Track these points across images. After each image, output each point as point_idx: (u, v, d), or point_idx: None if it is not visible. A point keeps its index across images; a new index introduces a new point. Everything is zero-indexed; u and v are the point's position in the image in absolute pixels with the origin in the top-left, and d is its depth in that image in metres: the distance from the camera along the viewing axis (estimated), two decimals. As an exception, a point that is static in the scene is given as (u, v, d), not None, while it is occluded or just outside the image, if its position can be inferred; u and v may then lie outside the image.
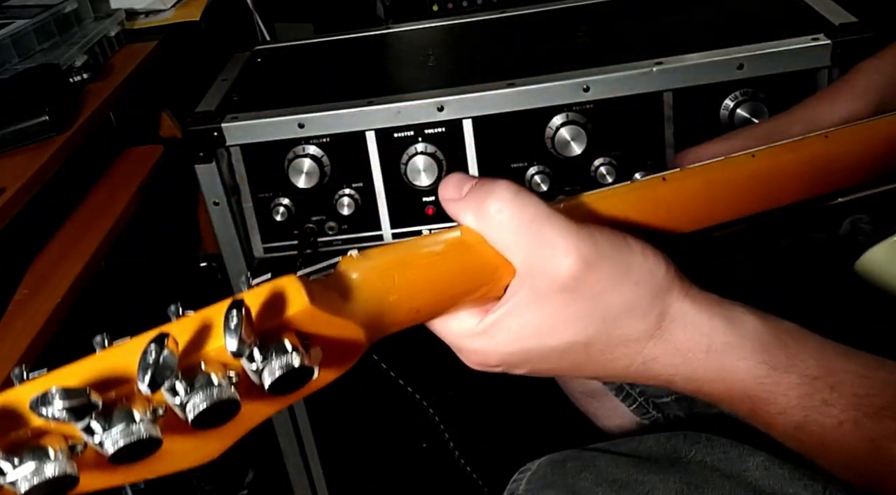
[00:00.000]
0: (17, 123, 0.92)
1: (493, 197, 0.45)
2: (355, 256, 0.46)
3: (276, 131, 0.97)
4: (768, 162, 0.54)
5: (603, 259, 0.44)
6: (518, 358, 0.47)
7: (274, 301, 0.40)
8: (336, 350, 0.43)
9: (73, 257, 0.96)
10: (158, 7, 1.31)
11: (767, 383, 0.43)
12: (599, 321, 0.45)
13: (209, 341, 0.38)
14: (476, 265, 0.46)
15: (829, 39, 0.91)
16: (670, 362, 0.45)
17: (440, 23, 1.20)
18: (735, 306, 0.45)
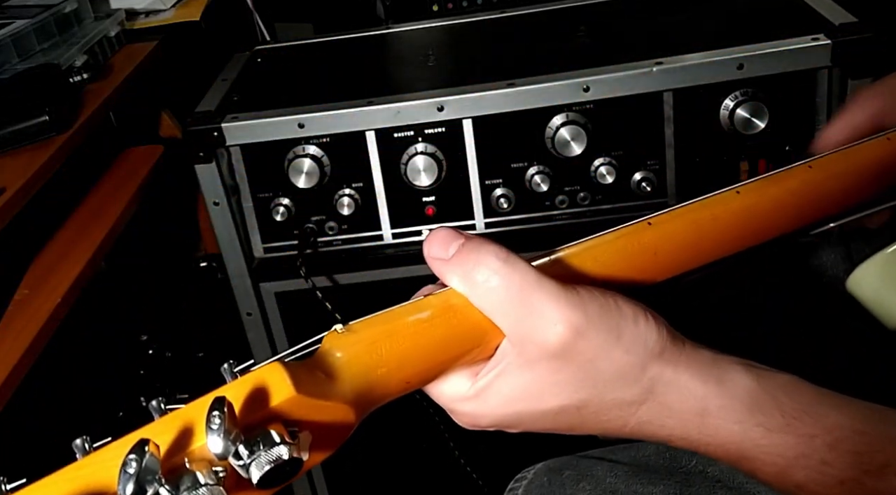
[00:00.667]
0: (17, 123, 0.92)
1: (480, 265, 0.44)
2: (340, 331, 0.44)
3: (276, 131, 0.97)
4: (754, 196, 0.53)
5: (593, 327, 0.43)
6: (510, 419, 0.47)
7: (258, 392, 0.39)
8: (325, 431, 0.42)
9: (73, 257, 0.96)
10: (158, 7, 1.31)
11: (764, 445, 0.42)
12: (591, 386, 0.44)
13: (192, 440, 0.37)
14: (464, 330, 0.45)
15: (829, 39, 0.91)
16: (664, 424, 0.44)
17: (440, 23, 1.20)
18: (729, 365, 0.45)
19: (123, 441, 0.37)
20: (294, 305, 1.06)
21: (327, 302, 0.96)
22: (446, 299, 0.46)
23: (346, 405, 0.42)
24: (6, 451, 0.95)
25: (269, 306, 1.07)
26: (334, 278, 1.04)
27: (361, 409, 0.43)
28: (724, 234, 0.52)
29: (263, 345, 1.10)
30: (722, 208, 0.52)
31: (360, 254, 1.03)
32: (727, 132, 0.95)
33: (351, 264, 1.03)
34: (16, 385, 0.79)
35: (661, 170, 0.97)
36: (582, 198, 0.98)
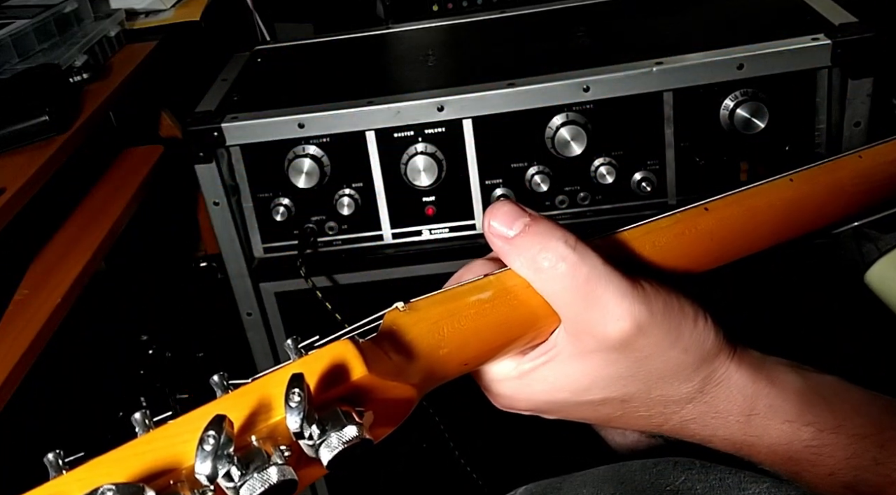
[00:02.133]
0: (17, 123, 0.92)
1: (547, 250, 0.43)
2: (402, 309, 0.44)
3: (276, 131, 0.97)
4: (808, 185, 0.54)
5: (656, 325, 0.42)
6: (551, 406, 0.46)
7: (331, 369, 0.38)
8: (387, 411, 0.41)
9: (73, 257, 0.96)
10: (158, 7, 1.31)
11: (815, 446, 0.41)
12: (641, 382, 0.43)
13: (263, 417, 0.36)
14: (524, 313, 0.44)
15: (829, 39, 0.91)
16: (708, 423, 0.44)
17: (440, 23, 1.20)
18: (777, 365, 0.44)
19: (191, 416, 0.36)
20: (294, 305, 1.06)
21: (327, 302, 0.96)
22: (507, 280, 0.45)
23: (410, 386, 0.41)
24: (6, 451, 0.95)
25: (269, 306, 1.07)
26: (334, 278, 1.04)
27: (422, 390, 0.42)
28: (778, 221, 0.52)
29: (263, 346, 1.10)
30: (777, 195, 0.52)
31: (360, 254, 1.03)
32: (727, 132, 0.95)
33: (351, 264, 1.03)
34: (16, 385, 0.79)
35: (661, 170, 0.97)
36: (582, 198, 0.98)
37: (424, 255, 1.01)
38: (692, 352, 0.43)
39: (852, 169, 0.55)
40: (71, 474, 0.33)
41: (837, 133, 0.95)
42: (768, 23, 0.99)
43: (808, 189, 0.53)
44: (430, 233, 1.02)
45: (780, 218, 0.52)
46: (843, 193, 0.55)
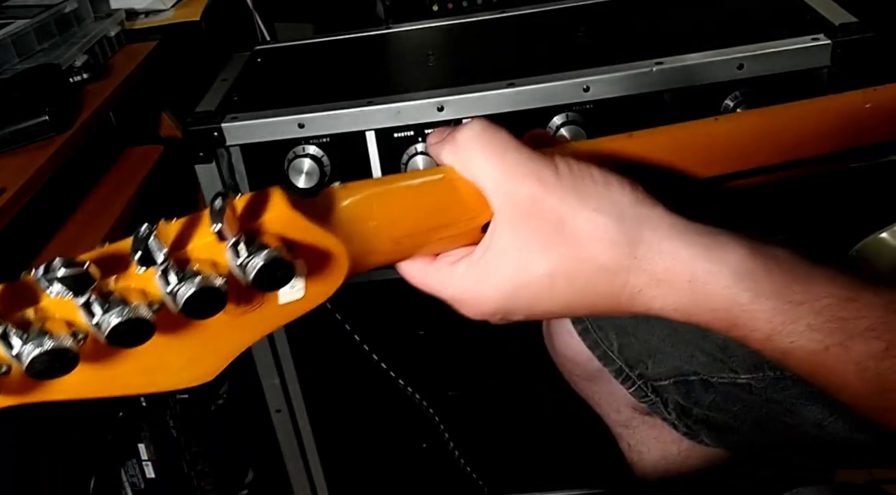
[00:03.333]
0: (17, 123, 0.92)
1: (465, 129, 0.48)
2: (338, 186, 0.48)
3: (276, 131, 0.97)
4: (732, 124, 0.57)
5: (561, 184, 0.46)
6: (509, 299, 0.48)
7: (258, 205, 0.43)
8: (320, 265, 0.45)
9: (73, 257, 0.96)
10: (158, 7, 1.31)
11: (752, 310, 0.43)
12: (571, 247, 0.46)
13: (199, 236, 0.41)
14: (452, 199, 0.49)
15: (829, 39, 0.91)
16: (655, 294, 0.45)
17: (440, 23, 1.20)
18: (721, 234, 0.45)
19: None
20: (294, 305, 1.06)
21: (327, 302, 0.96)
22: (436, 172, 0.49)
23: (339, 240, 0.45)
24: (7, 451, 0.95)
25: (269, 306, 1.07)
26: (334, 278, 1.04)
27: (353, 256, 0.46)
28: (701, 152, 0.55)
29: (263, 345, 1.10)
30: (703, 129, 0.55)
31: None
32: (727, 132, 0.95)
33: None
34: (16, 385, 0.79)
35: (661, 171, 0.97)
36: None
37: (424, 255, 1.01)
38: (605, 212, 0.45)
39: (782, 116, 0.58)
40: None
41: (837, 133, 0.95)
42: (768, 23, 0.99)
43: (731, 126, 0.56)
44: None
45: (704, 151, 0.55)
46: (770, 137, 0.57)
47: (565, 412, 1.20)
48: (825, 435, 0.69)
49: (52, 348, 0.36)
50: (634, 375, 0.78)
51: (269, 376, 1.15)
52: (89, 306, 0.38)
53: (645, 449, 0.86)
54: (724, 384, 0.73)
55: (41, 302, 0.38)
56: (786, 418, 0.71)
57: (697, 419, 0.78)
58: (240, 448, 1.36)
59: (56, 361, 0.37)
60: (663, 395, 0.78)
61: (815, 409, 0.68)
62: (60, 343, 0.37)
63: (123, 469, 1.09)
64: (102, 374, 0.41)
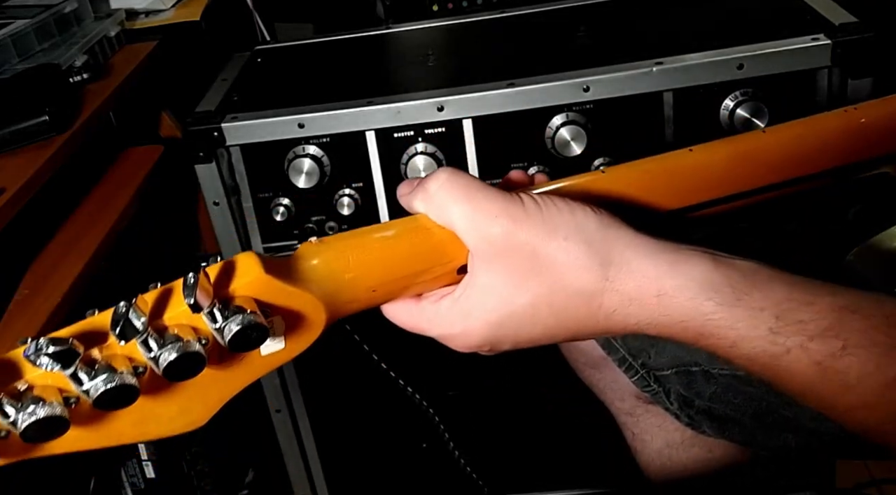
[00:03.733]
0: (17, 123, 0.92)
1: (433, 178, 0.51)
2: (314, 242, 0.50)
3: (276, 131, 0.97)
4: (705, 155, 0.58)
5: (529, 217, 0.48)
6: (496, 330, 0.50)
7: (231, 272, 0.45)
8: (297, 321, 0.47)
9: (74, 257, 0.96)
10: (158, 7, 1.31)
11: (715, 319, 0.45)
12: (546, 276, 0.48)
13: (175, 305, 0.43)
14: (427, 246, 0.51)
15: (829, 39, 0.91)
16: (629, 312, 0.47)
17: (440, 23, 1.20)
18: (684, 250, 0.48)
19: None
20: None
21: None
22: (410, 221, 0.52)
23: (315, 297, 0.47)
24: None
25: (269, 306, 1.07)
26: (334, 278, 1.04)
27: (331, 308, 0.48)
28: (675, 186, 0.57)
29: (263, 345, 1.10)
30: (675, 162, 0.57)
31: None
32: (727, 132, 0.95)
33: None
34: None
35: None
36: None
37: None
38: (573, 239, 0.48)
39: (754, 143, 0.59)
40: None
41: (837, 133, 0.95)
42: (768, 23, 0.99)
43: (705, 156, 0.57)
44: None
45: (678, 183, 0.56)
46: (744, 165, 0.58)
47: (565, 412, 1.20)
48: (823, 427, 0.70)
49: (44, 416, 0.39)
50: (637, 364, 0.78)
51: (269, 376, 1.15)
52: (77, 376, 0.40)
53: (648, 438, 0.86)
54: (725, 376, 0.73)
55: (30, 374, 0.41)
56: (785, 410, 0.72)
57: (699, 410, 0.78)
58: (240, 448, 1.36)
59: (49, 427, 0.39)
60: (665, 385, 0.79)
61: None
62: (52, 411, 0.39)
63: (123, 469, 1.09)
64: (95, 431, 0.44)
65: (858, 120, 0.60)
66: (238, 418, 1.33)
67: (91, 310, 0.44)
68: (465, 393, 1.19)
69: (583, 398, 0.91)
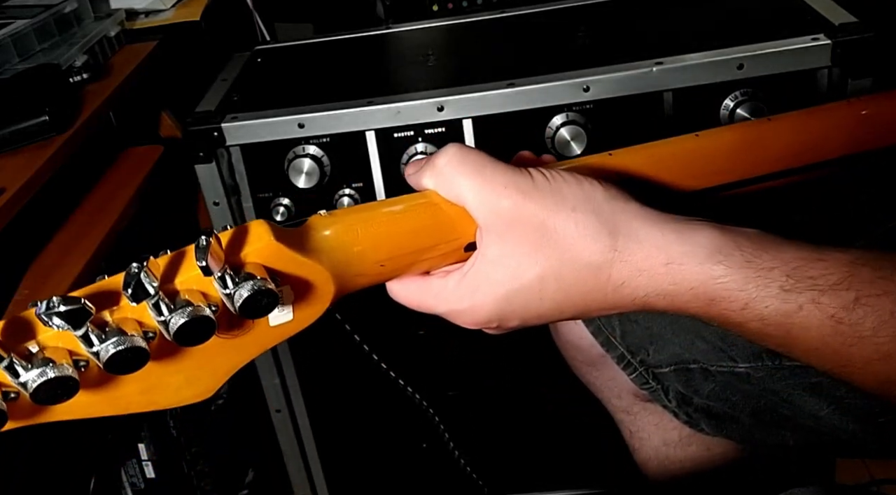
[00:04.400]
0: (17, 123, 0.92)
1: (442, 154, 0.51)
2: (324, 214, 0.50)
3: (276, 131, 0.97)
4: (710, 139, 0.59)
5: (538, 189, 0.48)
6: (504, 305, 0.50)
7: (242, 238, 0.45)
8: (306, 291, 0.47)
9: (73, 257, 0.96)
10: (158, 7, 1.31)
11: (726, 281, 0.45)
12: (555, 248, 0.48)
13: (187, 270, 0.43)
14: (435, 221, 0.51)
15: (829, 39, 0.91)
16: (637, 284, 0.47)
17: (440, 23, 1.20)
18: (691, 220, 0.48)
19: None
20: (294, 305, 1.06)
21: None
22: (418, 196, 0.52)
23: (324, 268, 0.47)
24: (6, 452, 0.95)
25: (269, 306, 1.07)
26: (334, 278, 1.04)
27: (339, 281, 0.48)
28: (680, 168, 0.58)
29: (263, 345, 1.10)
30: (680, 146, 0.58)
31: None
32: (727, 132, 0.95)
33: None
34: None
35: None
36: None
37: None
38: (581, 209, 0.48)
39: (760, 130, 0.60)
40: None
41: (837, 133, 0.95)
42: (768, 23, 0.99)
43: (710, 142, 0.58)
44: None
45: (683, 167, 0.57)
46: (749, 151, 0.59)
47: (565, 412, 1.20)
48: (822, 425, 0.69)
49: (54, 377, 0.39)
50: (636, 362, 0.78)
51: (269, 376, 1.15)
52: (88, 337, 0.40)
53: (646, 436, 0.86)
54: (724, 373, 0.73)
55: (42, 334, 0.41)
56: (783, 409, 0.72)
57: (697, 408, 0.78)
58: (240, 448, 1.36)
59: (59, 388, 0.39)
60: (664, 383, 0.79)
61: (812, 400, 0.68)
62: (62, 371, 0.39)
63: (123, 469, 1.09)
64: (103, 396, 0.44)
65: (861, 111, 0.61)
66: (238, 418, 1.33)
67: (101, 275, 0.43)
68: (465, 393, 1.19)
69: (582, 398, 0.91)
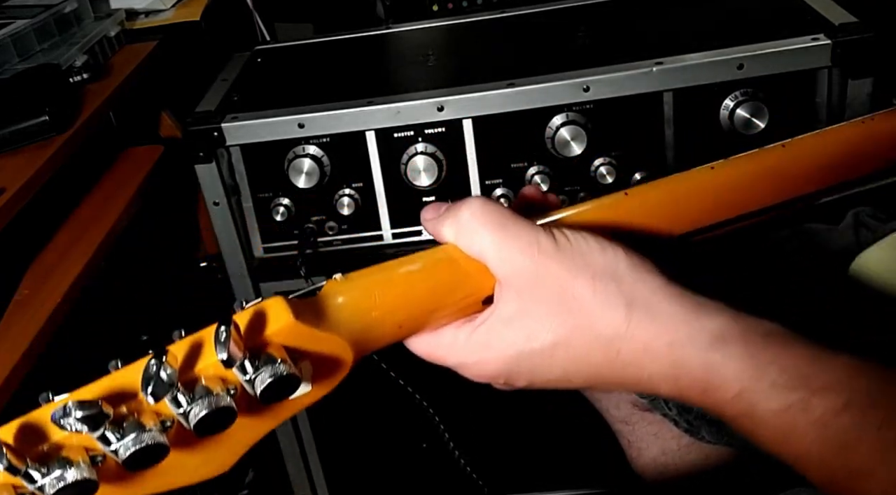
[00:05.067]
0: (17, 123, 0.92)
1: (465, 206, 0.50)
2: (339, 279, 0.49)
3: (276, 131, 0.97)
4: (728, 171, 0.57)
5: (561, 251, 0.47)
6: (512, 366, 0.49)
7: (261, 319, 0.44)
8: (325, 364, 0.46)
9: (74, 257, 0.96)
10: (158, 7, 1.31)
11: (722, 371, 0.44)
12: (570, 314, 0.47)
13: (205, 357, 0.42)
14: (454, 277, 0.50)
15: (829, 39, 0.91)
16: (643, 363, 0.46)
17: (440, 23, 1.20)
18: (709, 302, 0.47)
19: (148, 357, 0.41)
20: (294, 305, 1.06)
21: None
22: (436, 252, 0.51)
23: (342, 339, 0.46)
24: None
25: (269, 306, 1.07)
26: (334, 278, 1.04)
27: (358, 347, 0.47)
28: (699, 205, 0.56)
29: (263, 345, 1.10)
30: (698, 180, 0.56)
31: (361, 255, 1.03)
32: (727, 132, 0.95)
33: (351, 264, 1.03)
34: (16, 386, 0.79)
35: (662, 171, 0.97)
36: (582, 198, 0.98)
37: (424, 255, 1.01)
38: (601, 278, 0.47)
39: (777, 157, 0.59)
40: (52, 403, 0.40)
41: (837, 133, 0.95)
42: (768, 23, 0.99)
43: (729, 175, 0.57)
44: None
45: (702, 202, 0.56)
46: (767, 180, 0.58)
47: (565, 412, 1.19)
48: None
49: (72, 481, 0.38)
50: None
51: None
52: (105, 437, 0.39)
53: (644, 446, 0.86)
54: None
55: (57, 436, 0.40)
56: None
57: (698, 415, 0.78)
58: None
59: (78, 490, 0.38)
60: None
61: None
62: (80, 474, 0.38)
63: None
64: (122, 486, 0.42)
65: (876, 128, 0.59)
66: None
67: (114, 362, 0.42)
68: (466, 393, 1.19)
69: (582, 398, 0.91)
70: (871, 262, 0.64)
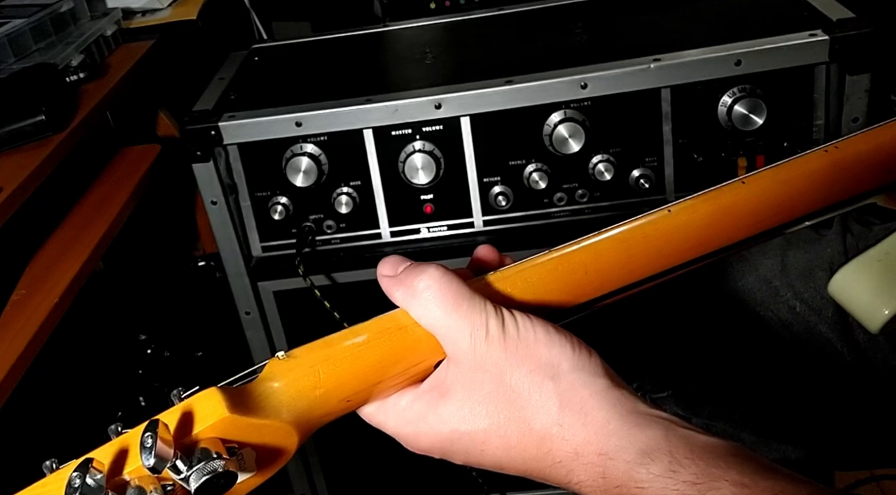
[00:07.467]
0: (13, 123, 0.92)
1: (422, 275, 0.48)
2: (282, 357, 0.48)
3: (273, 130, 0.97)
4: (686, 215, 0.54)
5: (507, 339, 0.47)
6: (446, 444, 0.48)
7: (193, 414, 0.42)
8: (269, 447, 0.45)
9: (71, 257, 0.96)
10: (155, 6, 1.31)
11: (644, 487, 0.43)
12: (506, 404, 0.46)
13: (133, 459, 0.41)
14: (401, 347, 0.49)
15: (827, 35, 0.90)
16: (573, 467, 0.45)
17: (437, 20, 1.20)
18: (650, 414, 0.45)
19: (71, 464, 0.40)
20: (292, 304, 1.06)
21: (326, 300, 0.96)
22: (383, 321, 0.49)
23: (284, 423, 0.45)
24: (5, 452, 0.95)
25: (268, 305, 1.07)
26: (332, 277, 1.04)
27: (302, 428, 0.47)
28: (654, 253, 0.53)
29: (262, 344, 1.10)
30: (652, 227, 0.53)
31: (359, 253, 1.03)
32: (725, 128, 0.95)
33: (349, 263, 1.03)
34: (14, 385, 0.79)
35: (660, 167, 0.97)
36: (580, 195, 0.98)
37: (423, 253, 1.01)
38: (539, 373, 0.46)
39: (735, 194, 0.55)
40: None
41: (835, 129, 0.95)
42: (766, 19, 0.99)
43: (686, 218, 0.54)
44: (429, 230, 1.02)
45: (655, 249, 0.53)
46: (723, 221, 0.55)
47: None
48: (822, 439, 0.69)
49: None
50: (633, 388, 0.78)
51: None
52: None
53: None
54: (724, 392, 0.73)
55: None
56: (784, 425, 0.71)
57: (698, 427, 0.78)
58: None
59: None
60: (662, 407, 0.78)
61: None
62: None
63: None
64: None
65: (840, 158, 0.58)
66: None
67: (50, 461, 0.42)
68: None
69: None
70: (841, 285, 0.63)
